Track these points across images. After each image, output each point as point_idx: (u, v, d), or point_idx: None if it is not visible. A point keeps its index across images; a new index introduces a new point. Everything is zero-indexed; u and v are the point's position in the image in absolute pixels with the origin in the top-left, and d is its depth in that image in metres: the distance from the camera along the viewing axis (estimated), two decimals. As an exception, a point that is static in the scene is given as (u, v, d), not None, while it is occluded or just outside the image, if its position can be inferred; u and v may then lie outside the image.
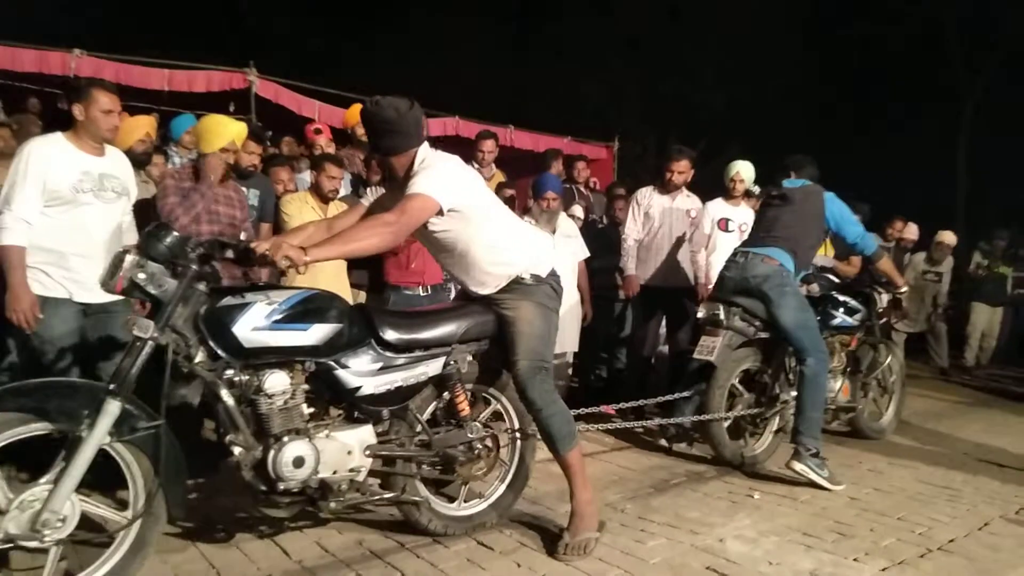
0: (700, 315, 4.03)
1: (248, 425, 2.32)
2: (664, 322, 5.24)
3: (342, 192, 4.79)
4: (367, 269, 4.30)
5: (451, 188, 2.51)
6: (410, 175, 2.53)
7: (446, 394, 2.76)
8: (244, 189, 3.88)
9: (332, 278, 4.04)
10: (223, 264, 2.78)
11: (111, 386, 2.10)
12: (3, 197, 2.87)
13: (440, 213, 2.50)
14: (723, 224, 5.49)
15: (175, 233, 2.19)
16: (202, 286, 2.24)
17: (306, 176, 4.79)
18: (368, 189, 4.10)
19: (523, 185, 6.32)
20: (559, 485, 3.07)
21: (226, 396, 2.26)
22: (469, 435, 2.77)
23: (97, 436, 2.07)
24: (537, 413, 2.70)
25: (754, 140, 13.03)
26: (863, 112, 15.22)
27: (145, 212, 3.42)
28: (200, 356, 2.23)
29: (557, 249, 4.73)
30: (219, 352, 2.24)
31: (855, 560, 2.69)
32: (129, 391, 2.12)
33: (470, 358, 2.74)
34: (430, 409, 2.77)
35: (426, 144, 2.62)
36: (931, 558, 2.73)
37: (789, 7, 14.83)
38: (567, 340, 4.78)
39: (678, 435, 4.20)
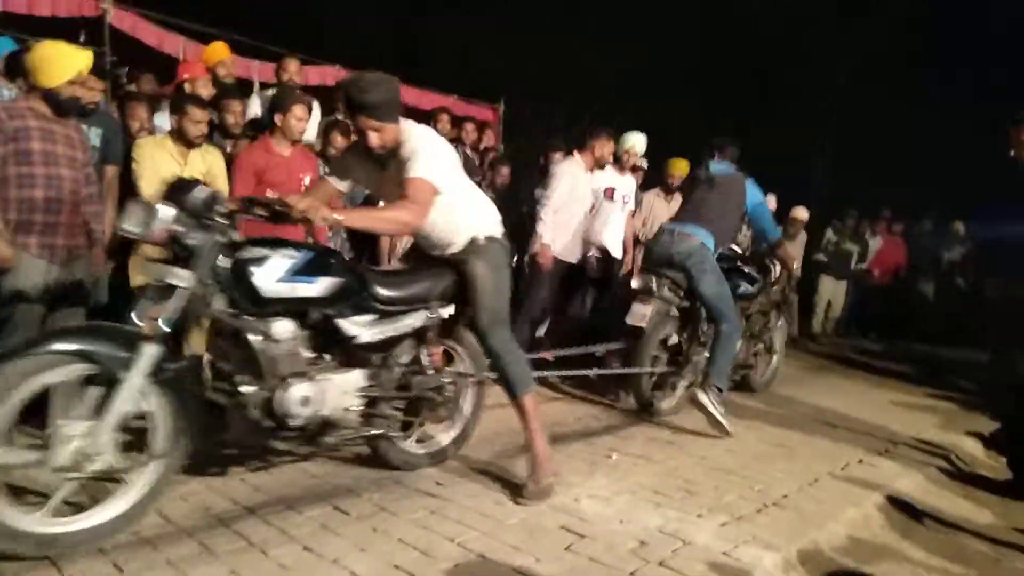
0: (635, 284, 4.50)
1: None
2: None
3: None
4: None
5: (442, 170, 2.76)
6: (400, 154, 2.72)
7: (423, 345, 3.06)
8: (84, 127, 3.50)
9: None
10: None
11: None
12: None
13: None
14: (609, 193, 5.62)
15: (208, 189, 2.40)
16: (223, 239, 2.43)
17: (164, 121, 4.34)
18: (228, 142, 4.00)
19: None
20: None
21: (253, 338, 2.49)
22: (442, 379, 3.13)
23: (137, 377, 2.23)
24: (497, 359, 3.01)
25: (643, 112, 13.30)
26: (752, 93, 15.64)
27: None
28: (219, 304, 2.45)
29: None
30: (239, 301, 2.46)
31: (698, 516, 2.88)
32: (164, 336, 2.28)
33: (445, 313, 3.03)
34: (408, 357, 3.05)
35: (403, 120, 2.78)
36: (766, 512, 2.98)
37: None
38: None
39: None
